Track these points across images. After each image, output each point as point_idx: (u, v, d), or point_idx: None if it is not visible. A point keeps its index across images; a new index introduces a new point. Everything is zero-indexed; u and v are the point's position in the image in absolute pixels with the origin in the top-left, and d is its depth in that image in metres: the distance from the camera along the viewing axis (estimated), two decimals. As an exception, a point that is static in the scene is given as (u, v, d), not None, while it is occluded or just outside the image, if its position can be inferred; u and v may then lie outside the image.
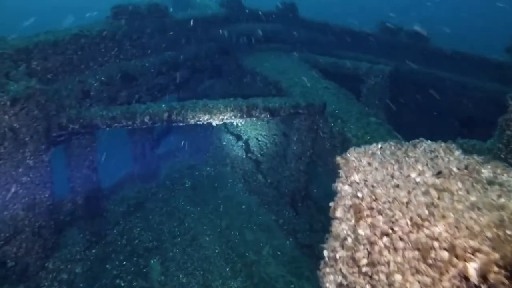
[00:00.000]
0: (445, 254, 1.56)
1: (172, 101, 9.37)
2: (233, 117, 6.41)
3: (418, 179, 1.92)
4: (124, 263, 6.67)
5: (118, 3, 7.38)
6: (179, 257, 6.81)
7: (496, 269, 1.42)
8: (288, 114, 6.83)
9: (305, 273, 6.83)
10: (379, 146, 2.29)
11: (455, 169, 2.03)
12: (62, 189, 6.87)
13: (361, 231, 1.92)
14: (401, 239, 1.73)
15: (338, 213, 2.11)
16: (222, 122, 6.44)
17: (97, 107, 6.19)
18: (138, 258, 6.76)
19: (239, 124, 9.52)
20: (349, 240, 2.01)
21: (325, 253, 2.31)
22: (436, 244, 1.59)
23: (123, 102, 7.08)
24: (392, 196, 1.78)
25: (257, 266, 6.79)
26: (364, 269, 1.82)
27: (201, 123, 6.35)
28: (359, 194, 1.90)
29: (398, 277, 1.67)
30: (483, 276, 1.44)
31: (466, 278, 1.48)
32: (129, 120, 5.87)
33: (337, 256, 2.10)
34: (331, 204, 2.14)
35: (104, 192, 7.74)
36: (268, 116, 6.64)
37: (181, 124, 6.28)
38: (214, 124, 6.47)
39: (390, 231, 1.78)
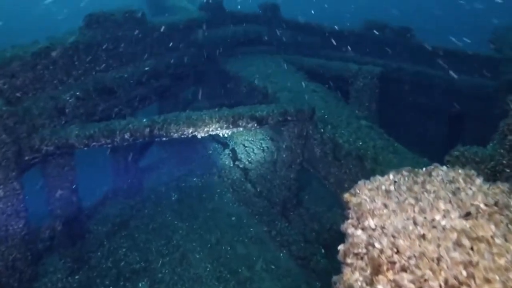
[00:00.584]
0: (492, 327, 1.28)
1: (153, 112, 9.01)
2: (219, 129, 6.09)
3: (444, 223, 1.64)
4: None
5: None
6: (169, 279, 6.45)
7: None
8: (276, 122, 6.55)
9: (301, 286, 6.56)
10: (392, 178, 2.01)
11: (482, 206, 1.76)
12: (39, 212, 6.47)
13: (380, 287, 1.63)
14: (432, 302, 1.45)
15: (350, 260, 1.81)
16: (207, 135, 6.11)
17: (73, 125, 5.78)
18: (125, 282, 6.38)
19: None
20: (366, 295, 1.72)
21: None
22: (480, 314, 1.31)
23: (102, 117, 6.68)
24: (418, 251, 1.49)
25: (251, 283, 6.48)
26: None
27: (185, 136, 6.02)
28: (377, 245, 1.61)
29: None
30: None
31: None
32: (108, 138, 5.50)
33: (351, 311, 1.81)
34: (340, 247, 1.85)
35: (85, 212, 7.33)
36: (256, 125, 6.35)
37: (164, 138, 5.93)
38: (199, 136, 6.15)
39: (418, 291, 1.49)
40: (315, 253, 6.73)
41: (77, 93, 6.15)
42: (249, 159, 8.86)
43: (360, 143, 6.23)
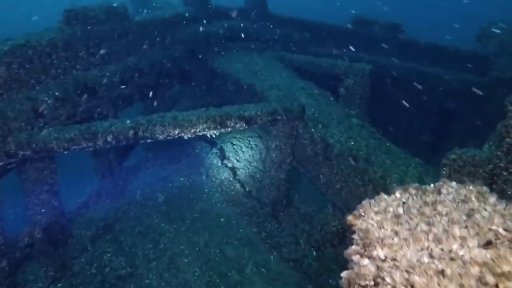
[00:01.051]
0: None
1: (138, 112, 8.72)
2: (206, 129, 5.87)
3: (462, 253, 1.47)
4: None
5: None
6: (156, 285, 6.24)
7: None
8: (266, 122, 6.35)
9: (292, 289, 6.43)
10: (399, 198, 1.83)
11: (501, 231, 1.59)
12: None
13: (393, 327, 1.46)
14: None
15: (355, 290, 1.63)
16: (194, 136, 5.89)
17: (52, 128, 5.48)
18: None
19: None
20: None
21: None
22: None
23: (84, 118, 6.38)
24: (438, 290, 1.32)
25: (241, 286, 6.31)
26: None
27: (171, 138, 5.79)
28: (389, 280, 1.43)
29: None
30: None
31: None
32: (90, 141, 5.23)
33: None
34: (343, 274, 1.67)
35: (68, 216, 7.04)
36: (244, 125, 6.14)
37: (149, 141, 5.68)
38: (186, 138, 5.92)
39: (437, 335, 1.32)
40: (307, 255, 6.59)
41: (56, 94, 5.84)
42: (237, 157, 8.66)
43: (352, 143, 6.08)
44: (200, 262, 6.68)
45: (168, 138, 5.70)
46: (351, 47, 9.70)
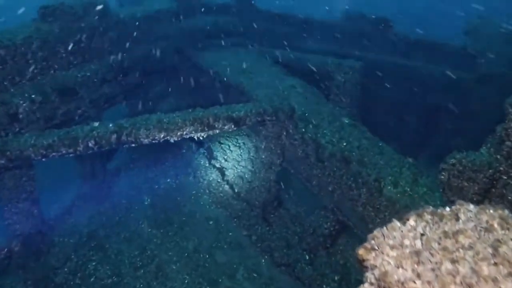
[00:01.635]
0: None
1: (122, 112, 8.38)
2: (193, 132, 5.62)
3: (495, 298, 1.29)
4: None
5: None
6: None
7: None
8: (255, 123, 6.13)
9: (285, 294, 6.26)
10: (416, 227, 1.63)
11: (535, 268, 1.42)
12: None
13: None
14: None
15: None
16: (180, 139, 5.64)
17: (29, 133, 5.16)
18: None
19: None
20: None
21: None
22: None
23: (64, 121, 6.06)
24: None
25: None
26: None
27: (156, 141, 5.52)
28: (414, 334, 1.24)
29: None
30: None
31: None
32: (70, 147, 4.94)
33: None
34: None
35: (49, 223, 6.72)
36: (233, 126, 5.91)
37: (133, 145, 5.41)
38: (172, 141, 5.66)
39: None
40: (299, 259, 6.42)
41: (33, 96, 5.50)
42: (225, 157, 8.42)
43: (344, 144, 5.90)
44: (189, 268, 6.47)
45: (153, 141, 5.44)
46: (335, 42, 9.53)
